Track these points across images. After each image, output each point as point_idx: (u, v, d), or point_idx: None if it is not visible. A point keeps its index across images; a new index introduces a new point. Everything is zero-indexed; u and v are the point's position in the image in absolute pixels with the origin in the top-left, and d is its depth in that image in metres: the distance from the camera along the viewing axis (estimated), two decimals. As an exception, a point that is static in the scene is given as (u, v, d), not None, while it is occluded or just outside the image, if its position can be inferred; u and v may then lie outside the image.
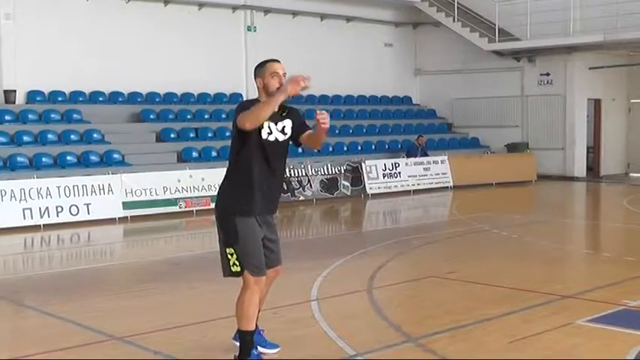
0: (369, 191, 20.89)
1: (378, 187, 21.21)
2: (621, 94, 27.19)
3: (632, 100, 27.22)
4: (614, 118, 26.98)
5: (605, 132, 26.73)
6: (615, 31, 23.27)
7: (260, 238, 5.96)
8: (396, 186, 21.64)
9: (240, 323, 5.89)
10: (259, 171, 5.91)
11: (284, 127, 6.06)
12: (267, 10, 24.50)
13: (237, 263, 5.85)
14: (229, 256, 5.89)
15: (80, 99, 20.65)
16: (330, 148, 22.90)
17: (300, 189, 19.46)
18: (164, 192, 17.05)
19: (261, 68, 5.97)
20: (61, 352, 6.67)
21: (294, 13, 25.28)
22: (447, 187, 22.66)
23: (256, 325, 6.12)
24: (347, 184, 20.67)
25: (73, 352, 6.66)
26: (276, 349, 6.34)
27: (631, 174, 27.06)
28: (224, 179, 6.12)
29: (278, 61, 5.99)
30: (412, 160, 22.56)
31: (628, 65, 26.00)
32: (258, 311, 6.19)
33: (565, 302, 8.23)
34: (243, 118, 5.69)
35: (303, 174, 19.63)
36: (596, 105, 26.58)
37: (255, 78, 6.00)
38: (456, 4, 26.64)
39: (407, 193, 21.54)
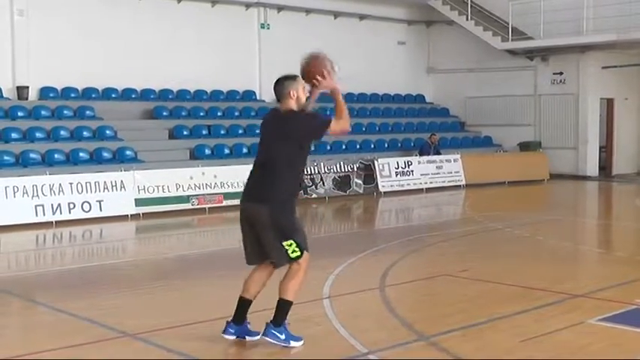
0: (381, 189, 20.87)
1: (391, 185, 21.20)
2: (634, 94, 27.06)
3: (645, 100, 27.09)
4: (627, 118, 26.89)
5: (618, 131, 26.66)
6: (628, 30, 23.18)
7: None
8: (408, 184, 21.62)
9: (293, 295, 6.51)
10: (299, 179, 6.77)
11: None
12: (280, 8, 24.53)
13: (297, 249, 6.44)
14: (287, 247, 6.41)
15: (93, 95, 20.73)
16: (343, 146, 22.91)
17: (313, 187, 19.47)
18: (176, 189, 17.07)
19: (295, 81, 6.57)
20: (73, 348, 6.70)
21: (307, 11, 25.30)
22: (460, 185, 22.63)
23: (246, 317, 6.71)
24: (359, 182, 20.67)
25: (84, 348, 6.68)
26: (258, 336, 6.62)
27: (644, 173, 26.96)
28: (273, 184, 6.42)
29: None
30: (425, 158, 22.55)
31: (641, 65, 25.89)
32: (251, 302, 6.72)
33: (576, 301, 8.21)
34: (343, 125, 6.65)
35: (316, 172, 19.64)
36: (609, 104, 26.49)
37: (289, 89, 6.52)
38: (469, 3, 26.60)
39: (419, 191, 21.52)
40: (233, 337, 6.70)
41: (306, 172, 19.29)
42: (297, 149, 6.47)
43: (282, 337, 6.48)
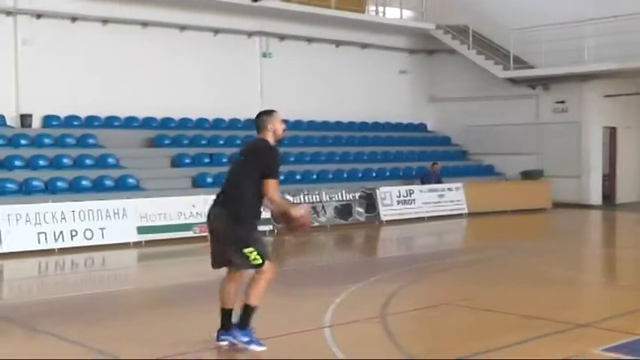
0: (383, 218, 20.85)
1: (393, 214, 21.17)
2: (636, 122, 27.08)
3: (647, 128, 27.10)
4: (630, 146, 26.89)
5: (621, 160, 26.64)
6: (630, 58, 23.25)
7: None
8: (410, 213, 21.60)
9: (257, 301, 7.18)
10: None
11: None
12: (282, 37, 24.63)
13: (259, 257, 7.10)
14: (249, 254, 7.09)
15: (95, 124, 20.77)
16: (345, 175, 22.91)
17: (315, 215, 19.42)
18: (179, 217, 17.10)
19: (272, 116, 7.36)
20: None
21: (309, 40, 25.40)
22: (462, 214, 22.60)
23: (231, 323, 7.38)
24: (361, 210, 20.63)
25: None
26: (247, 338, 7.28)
27: (647, 202, 26.88)
28: (236, 203, 7.18)
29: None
30: (427, 186, 22.54)
31: (643, 93, 25.95)
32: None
33: (579, 331, 8.16)
34: (276, 194, 7.06)
35: (318, 200, 19.63)
36: (612, 133, 26.51)
37: (266, 123, 7.30)
38: (470, 32, 26.72)
39: (421, 219, 21.48)
40: (226, 343, 7.37)
41: (307, 200, 19.28)
42: (257, 183, 7.06)
43: (245, 339, 7.20)
